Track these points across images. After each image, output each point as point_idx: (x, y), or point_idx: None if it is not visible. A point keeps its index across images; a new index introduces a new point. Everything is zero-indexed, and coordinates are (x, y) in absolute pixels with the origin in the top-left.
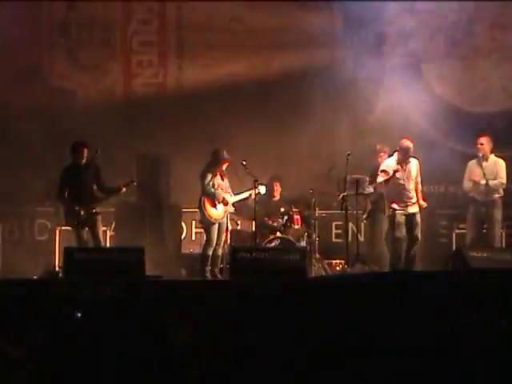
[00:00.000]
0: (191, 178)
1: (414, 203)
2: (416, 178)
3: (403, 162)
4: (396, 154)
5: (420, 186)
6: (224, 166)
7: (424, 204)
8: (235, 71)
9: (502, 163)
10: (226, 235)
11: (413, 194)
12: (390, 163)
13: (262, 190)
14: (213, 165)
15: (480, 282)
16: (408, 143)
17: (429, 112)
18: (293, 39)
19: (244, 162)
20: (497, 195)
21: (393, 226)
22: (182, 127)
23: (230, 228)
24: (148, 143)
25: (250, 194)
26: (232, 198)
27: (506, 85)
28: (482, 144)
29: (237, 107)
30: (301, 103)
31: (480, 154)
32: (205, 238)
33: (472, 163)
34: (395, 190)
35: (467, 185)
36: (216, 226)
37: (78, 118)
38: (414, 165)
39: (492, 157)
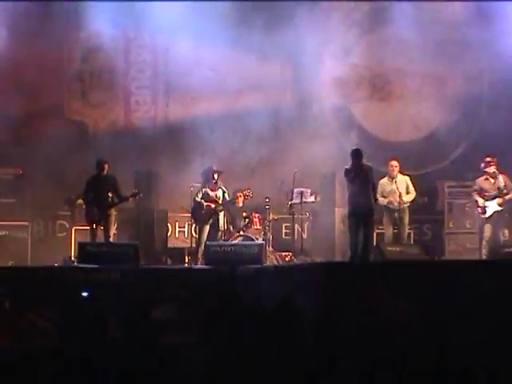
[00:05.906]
0: (176, 189)
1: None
2: (371, 179)
3: (356, 165)
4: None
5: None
6: (215, 177)
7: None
8: (210, 108)
9: (408, 179)
10: None
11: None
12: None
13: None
14: (204, 181)
15: (394, 270)
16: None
17: (356, 141)
18: (253, 84)
19: (215, 177)
20: (406, 205)
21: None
22: (168, 150)
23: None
24: (143, 162)
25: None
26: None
27: (414, 120)
28: (393, 166)
29: (212, 136)
30: (258, 135)
31: (393, 174)
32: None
33: (384, 181)
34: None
35: (381, 199)
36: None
37: (90, 144)
38: (367, 168)
39: (399, 175)
